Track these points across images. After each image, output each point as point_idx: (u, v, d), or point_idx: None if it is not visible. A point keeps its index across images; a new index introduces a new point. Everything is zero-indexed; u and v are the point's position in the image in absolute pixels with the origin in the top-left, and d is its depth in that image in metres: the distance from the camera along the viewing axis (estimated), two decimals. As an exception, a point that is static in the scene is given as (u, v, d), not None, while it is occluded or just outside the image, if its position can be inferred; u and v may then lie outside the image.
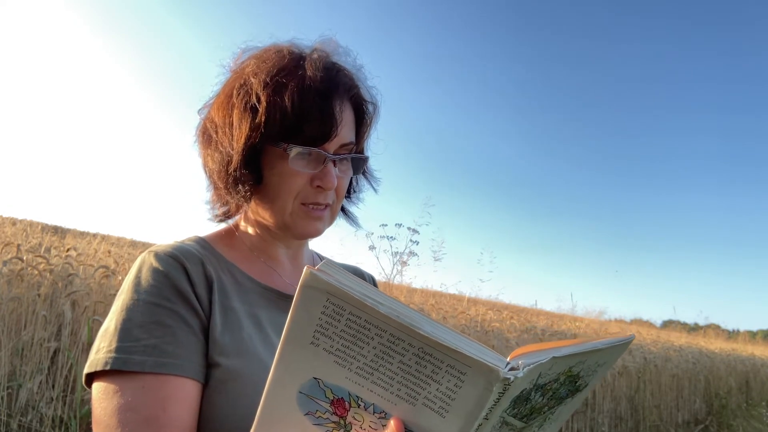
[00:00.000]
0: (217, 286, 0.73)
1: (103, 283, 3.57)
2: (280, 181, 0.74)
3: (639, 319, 17.98)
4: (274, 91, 0.71)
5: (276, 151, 0.73)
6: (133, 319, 0.65)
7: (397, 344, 0.42)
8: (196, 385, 0.65)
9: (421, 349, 0.42)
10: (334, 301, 0.42)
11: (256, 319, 0.75)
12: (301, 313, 0.43)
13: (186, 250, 0.73)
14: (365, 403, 0.46)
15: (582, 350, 0.48)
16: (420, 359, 0.42)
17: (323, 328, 0.44)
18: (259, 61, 0.75)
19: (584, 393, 0.57)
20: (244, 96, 0.73)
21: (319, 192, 0.75)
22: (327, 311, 0.43)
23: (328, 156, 0.73)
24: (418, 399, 0.44)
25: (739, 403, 8.94)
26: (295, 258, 0.87)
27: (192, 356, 0.66)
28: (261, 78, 0.72)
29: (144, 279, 0.68)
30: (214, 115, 0.77)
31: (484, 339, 4.63)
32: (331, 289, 0.42)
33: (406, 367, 0.43)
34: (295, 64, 0.73)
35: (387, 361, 0.43)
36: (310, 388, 0.47)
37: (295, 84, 0.71)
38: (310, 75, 0.72)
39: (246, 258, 0.81)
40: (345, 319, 0.43)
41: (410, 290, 6.25)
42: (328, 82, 0.73)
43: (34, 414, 2.85)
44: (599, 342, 0.50)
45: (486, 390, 0.41)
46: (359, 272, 1.00)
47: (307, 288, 0.42)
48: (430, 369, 0.42)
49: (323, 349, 0.44)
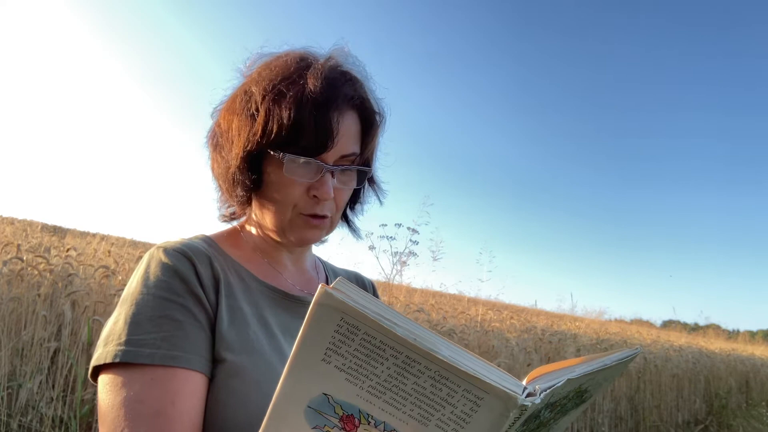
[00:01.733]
0: (224, 283, 0.73)
1: (103, 283, 3.57)
2: (277, 188, 0.75)
3: (639, 319, 18.00)
4: (273, 100, 0.72)
5: (274, 159, 0.73)
6: (142, 313, 0.65)
7: (412, 366, 0.42)
8: (204, 379, 0.66)
9: (437, 372, 0.41)
10: (348, 320, 0.41)
11: (262, 318, 0.75)
12: (314, 330, 0.42)
13: (194, 247, 0.74)
14: (376, 420, 0.45)
15: (594, 369, 0.48)
16: (436, 382, 0.42)
17: (336, 346, 0.42)
18: (266, 68, 0.76)
19: (588, 403, 0.58)
20: (246, 103, 0.74)
21: (316, 202, 0.75)
22: (341, 330, 0.42)
23: (325, 167, 0.73)
24: (431, 420, 0.43)
25: (739, 403, 8.95)
26: (298, 261, 0.88)
27: (200, 351, 0.66)
28: (262, 86, 0.73)
29: (153, 273, 0.69)
30: (221, 120, 0.79)
31: (484, 339, 4.63)
32: (345, 308, 0.41)
33: (420, 389, 0.42)
34: (299, 73, 0.74)
35: (401, 382, 0.43)
36: (319, 403, 0.46)
37: (294, 94, 0.71)
38: (310, 85, 0.72)
39: (250, 258, 0.82)
40: (359, 339, 0.42)
41: (410, 290, 6.25)
42: (328, 92, 0.73)
43: (34, 414, 2.85)
44: (608, 358, 0.50)
45: (502, 416, 0.41)
46: (360, 279, 1.00)
47: (321, 306, 0.41)
48: (445, 392, 0.42)
49: (335, 366, 0.43)
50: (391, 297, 4.97)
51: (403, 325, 0.41)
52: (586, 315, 12.81)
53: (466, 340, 4.36)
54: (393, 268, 4.86)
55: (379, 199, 0.90)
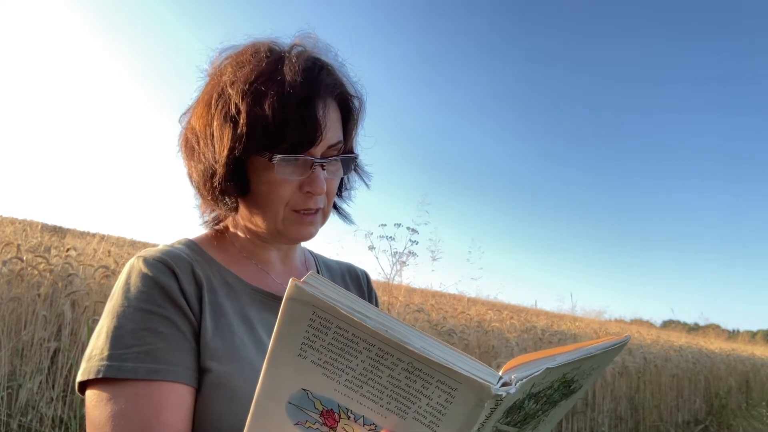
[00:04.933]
0: (208, 289, 0.72)
1: (103, 283, 3.57)
2: (268, 190, 0.72)
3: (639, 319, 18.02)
4: (253, 100, 0.69)
5: (261, 160, 0.71)
6: (124, 326, 0.64)
7: (386, 359, 0.42)
8: (190, 390, 0.65)
9: (410, 364, 0.41)
10: (320, 314, 0.41)
11: (248, 321, 0.74)
12: (287, 325, 0.43)
13: (175, 254, 0.72)
14: (355, 415, 0.45)
15: (576, 358, 0.47)
16: (410, 374, 0.42)
17: (310, 341, 0.43)
18: (237, 66, 0.72)
19: (579, 394, 0.57)
20: (223, 107, 0.70)
21: (309, 197, 0.74)
22: (314, 324, 0.42)
23: (315, 161, 0.72)
24: (408, 413, 0.43)
25: (739, 403, 8.95)
26: (286, 259, 0.86)
27: (184, 362, 0.65)
28: (239, 87, 0.69)
29: (133, 285, 0.68)
30: (195, 125, 0.74)
31: (484, 339, 4.63)
32: (316, 302, 0.41)
33: (395, 381, 0.42)
34: (274, 68, 0.71)
35: (376, 375, 0.43)
36: (299, 398, 0.46)
37: (275, 91, 0.68)
38: (289, 80, 0.69)
39: (236, 260, 0.80)
40: (332, 333, 0.42)
41: (410, 290, 6.25)
42: (309, 85, 0.70)
43: (34, 414, 2.85)
44: (593, 347, 0.50)
45: (477, 406, 0.40)
46: (352, 270, 0.99)
47: (292, 301, 0.41)
48: (420, 384, 0.42)
49: (311, 361, 0.44)
50: (391, 297, 4.97)
51: (374, 318, 0.41)
52: (586, 315, 12.81)
53: (466, 340, 4.36)
54: (392, 268, 4.86)
55: (366, 182, 0.88)
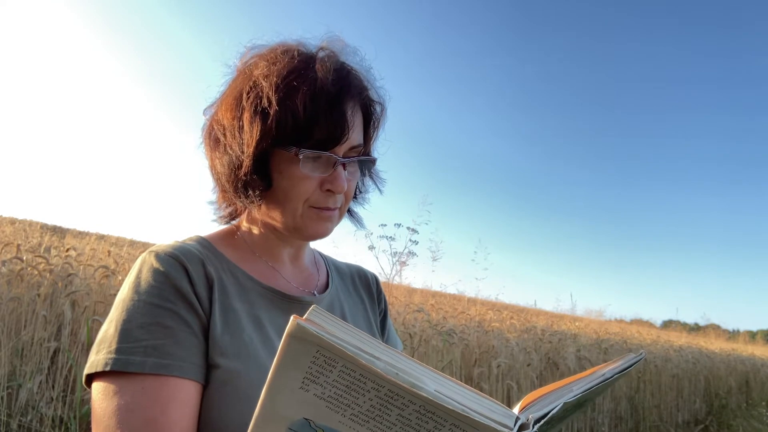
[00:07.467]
0: (218, 286, 0.72)
1: (103, 283, 3.57)
2: (290, 185, 0.73)
3: (639, 319, 18.04)
4: (285, 94, 0.70)
5: (286, 155, 0.72)
6: (133, 320, 0.65)
7: (396, 399, 0.39)
8: (197, 386, 0.65)
9: (422, 406, 0.39)
10: (324, 353, 0.39)
11: (258, 319, 0.74)
12: (288, 360, 0.40)
13: (187, 250, 0.73)
14: None
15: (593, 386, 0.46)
16: (421, 415, 0.40)
17: (313, 376, 0.40)
18: (269, 62, 0.74)
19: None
20: (254, 99, 0.71)
21: (329, 195, 0.75)
22: (317, 361, 0.40)
23: (339, 159, 0.73)
24: None
25: (739, 403, 8.94)
26: (296, 257, 0.87)
27: (192, 357, 0.65)
28: (272, 81, 0.71)
29: (144, 279, 0.68)
30: (221, 117, 0.76)
31: (484, 339, 4.63)
32: (320, 342, 0.38)
33: (405, 420, 0.40)
34: (305, 66, 0.72)
35: (384, 413, 0.41)
36: (300, 425, 0.44)
37: (307, 88, 0.70)
38: (321, 77, 0.71)
39: (247, 258, 0.81)
40: (338, 371, 0.40)
41: (410, 290, 6.25)
42: (340, 85, 0.72)
43: (34, 414, 2.85)
44: (608, 371, 0.48)
45: None
46: (362, 273, 0.99)
47: (293, 338, 0.39)
48: (432, 425, 0.40)
49: (314, 394, 0.41)
50: (391, 297, 4.97)
51: (384, 358, 0.39)
52: (586, 315, 12.83)
53: (466, 340, 4.36)
54: (393, 268, 4.86)
55: (379, 188, 0.89)
